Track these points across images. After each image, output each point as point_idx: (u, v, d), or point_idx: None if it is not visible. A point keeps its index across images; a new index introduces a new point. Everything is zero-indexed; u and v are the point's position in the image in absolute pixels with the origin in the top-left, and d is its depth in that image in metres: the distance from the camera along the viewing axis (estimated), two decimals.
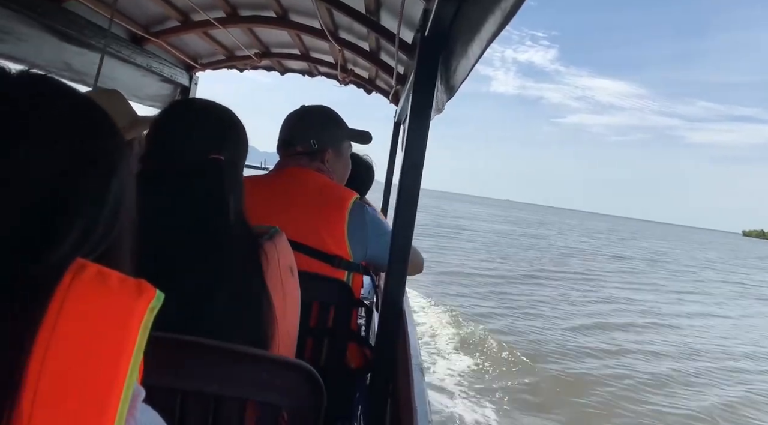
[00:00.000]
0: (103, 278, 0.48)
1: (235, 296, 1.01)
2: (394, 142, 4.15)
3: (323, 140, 1.89)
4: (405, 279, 1.54)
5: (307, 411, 0.91)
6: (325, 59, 3.58)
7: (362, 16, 2.45)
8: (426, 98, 1.47)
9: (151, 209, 1.05)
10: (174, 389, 0.88)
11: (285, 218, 1.62)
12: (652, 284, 18.54)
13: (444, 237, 25.15)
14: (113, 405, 0.43)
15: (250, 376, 0.91)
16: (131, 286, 0.48)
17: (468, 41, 1.15)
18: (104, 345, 0.45)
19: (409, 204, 1.48)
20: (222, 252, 1.04)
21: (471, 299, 11.54)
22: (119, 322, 0.46)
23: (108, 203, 0.55)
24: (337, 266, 1.72)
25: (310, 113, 1.96)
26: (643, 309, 13.30)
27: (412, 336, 1.65)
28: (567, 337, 9.50)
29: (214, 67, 3.64)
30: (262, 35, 3.23)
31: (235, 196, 1.09)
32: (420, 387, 1.27)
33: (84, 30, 2.39)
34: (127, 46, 2.76)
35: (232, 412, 0.92)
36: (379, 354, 1.50)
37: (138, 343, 0.46)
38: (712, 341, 11.12)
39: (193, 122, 1.14)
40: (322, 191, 1.78)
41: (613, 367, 8.14)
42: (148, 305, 0.48)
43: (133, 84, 2.93)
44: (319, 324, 1.66)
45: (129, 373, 0.45)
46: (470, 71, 1.28)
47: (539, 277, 16.30)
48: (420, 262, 2.09)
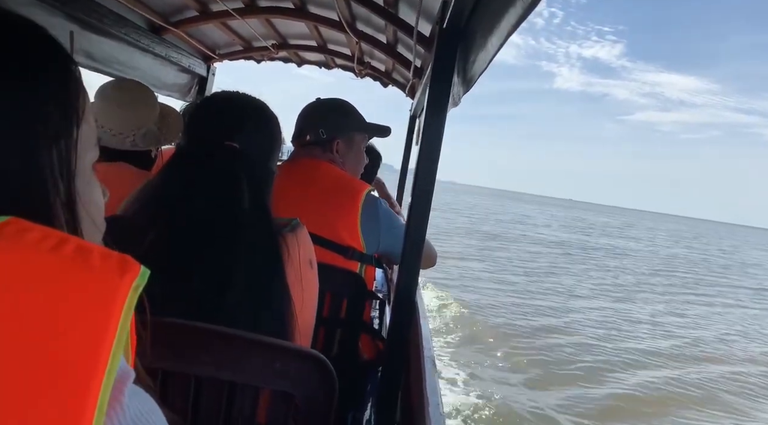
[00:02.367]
0: (83, 253, 0.44)
1: (253, 287, 1.02)
2: (409, 135, 4.14)
3: (331, 129, 1.89)
4: (418, 272, 1.54)
5: (320, 400, 0.92)
6: (342, 51, 3.57)
7: (380, 8, 2.44)
8: (443, 91, 1.46)
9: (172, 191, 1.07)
10: (188, 375, 0.89)
11: (298, 208, 1.62)
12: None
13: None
14: (92, 395, 0.39)
15: (264, 364, 0.92)
16: (114, 263, 0.44)
17: (487, 34, 1.14)
18: (82, 329, 0.40)
19: (423, 197, 1.47)
20: (235, 240, 1.04)
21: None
22: (99, 303, 0.42)
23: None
24: (350, 258, 1.72)
25: (322, 104, 1.97)
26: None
27: (425, 328, 1.65)
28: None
29: (232, 57, 3.65)
30: (279, 26, 3.23)
31: (251, 186, 1.10)
32: (432, 380, 1.27)
33: (104, 18, 2.41)
34: (146, 36, 2.78)
35: (245, 399, 0.93)
36: (392, 346, 1.50)
37: (120, 326, 0.42)
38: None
39: (213, 110, 1.16)
40: (335, 182, 1.78)
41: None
42: (132, 284, 0.43)
43: (151, 73, 2.95)
44: (331, 314, 1.66)
45: (110, 359, 0.40)
46: (488, 64, 1.27)
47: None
48: (433, 256, 2.10)
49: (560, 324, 9.98)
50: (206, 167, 1.09)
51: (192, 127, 1.18)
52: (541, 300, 11.72)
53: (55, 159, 0.51)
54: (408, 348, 1.54)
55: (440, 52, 1.45)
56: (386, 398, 1.48)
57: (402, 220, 1.86)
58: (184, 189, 1.07)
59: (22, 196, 0.49)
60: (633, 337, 9.88)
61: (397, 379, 1.47)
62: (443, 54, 1.44)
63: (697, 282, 18.95)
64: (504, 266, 15.96)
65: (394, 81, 3.76)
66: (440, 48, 1.45)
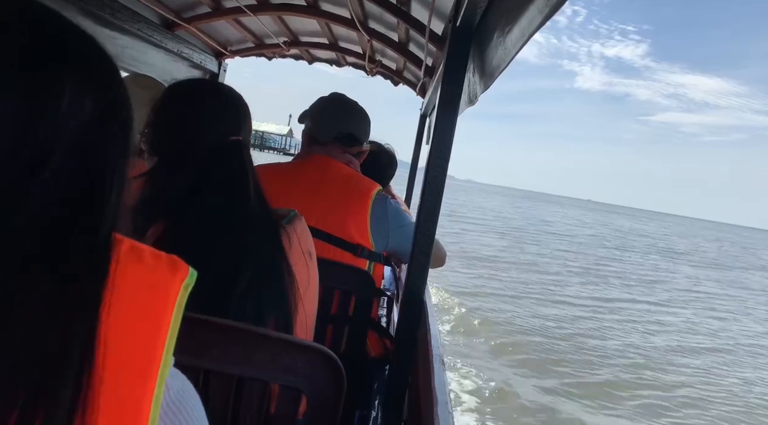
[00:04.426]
0: (137, 252, 0.46)
1: (260, 278, 1.02)
2: (419, 134, 4.13)
3: (361, 133, 1.92)
4: (427, 271, 1.54)
5: (328, 396, 0.92)
6: (353, 49, 3.57)
7: (393, 6, 2.44)
8: (455, 90, 1.46)
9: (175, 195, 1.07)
10: (197, 368, 0.90)
11: (310, 205, 1.63)
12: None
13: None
14: (150, 384, 0.42)
15: (272, 359, 0.92)
16: (165, 262, 0.47)
17: (505, 32, 1.13)
18: (143, 322, 0.44)
19: (434, 197, 1.47)
20: (245, 232, 1.05)
21: None
22: (156, 299, 0.45)
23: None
24: (359, 255, 1.73)
25: (351, 104, 1.96)
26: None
27: (434, 327, 1.65)
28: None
29: (243, 54, 3.66)
30: (291, 23, 3.24)
31: (254, 177, 1.11)
32: (441, 379, 1.27)
33: (117, 14, 2.42)
34: (158, 31, 2.79)
35: (252, 394, 0.94)
36: (400, 344, 1.50)
37: (173, 322, 0.45)
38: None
39: (209, 106, 1.15)
40: (347, 181, 1.79)
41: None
42: (183, 283, 0.46)
43: (163, 69, 2.96)
44: (339, 311, 1.67)
45: (165, 353, 0.44)
46: (509, 62, 1.26)
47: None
48: (442, 255, 2.10)
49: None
50: (220, 165, 1.09)
51: (185, 125, 1.14)
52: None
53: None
54: (416, 347, 1.54)
55: (453, 50, 1.44)
56: (394, 396, 1.48)
57: (411, 218, 1.86)
58: (195, 185, 1.07)
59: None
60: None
61: (405, 377, 1.47)
62: (456, 53, 1.43)
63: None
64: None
65: (405, 80, 3.75)
66: (453, 46, 1.45)
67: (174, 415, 0.46)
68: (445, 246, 2.11)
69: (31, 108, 0.39)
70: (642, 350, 9.22)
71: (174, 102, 1.17)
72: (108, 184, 0.44)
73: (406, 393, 1.50)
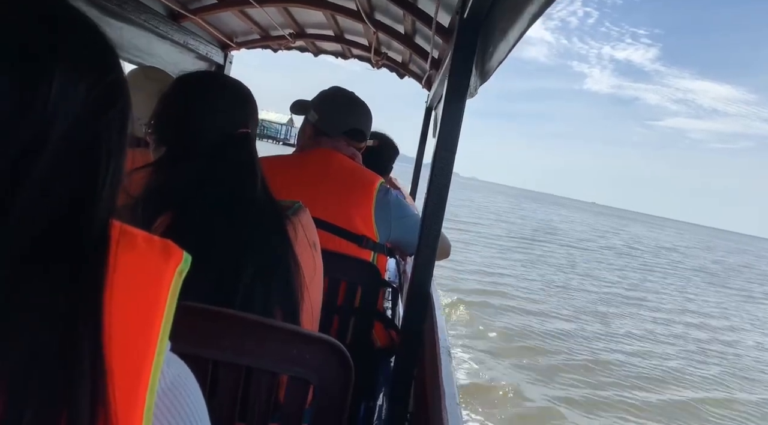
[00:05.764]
0: (129, 238, 0.44)
1: (267, 268, 1.03)
2: (425, 127, 4.12)
3: (367, 129, 1.95)
4: (433, 263, 1.54)
5: (335, 386, 0.92)
6: (359, 41, 3.56)
7: None
8: (462, 83, 1.45)
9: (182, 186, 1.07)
10: (206, 359, 0.90)
11: (315, 197, 1.64)
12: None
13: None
14: (146, 371, 0.42)
15: (280, 350, 0.92)
16: (158, 248, 0.45)
17: (509, 24, 1.13)
18: (136, 310, 0.42)
19: (440, 189, 1.47)
20: (251, 223, 1.06)
21: None
22: (149, 286, 0.43)
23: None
24: (363, 246, 1.74)
25: (357, 100, 1.97)
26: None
27: (440, 319, 1.66)
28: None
29: (249, 46, 3.65)
30: (297, 15, 3.23)
31: (259, 168, 1.12)
32: (447, 370, 1.27)
33: (123, 5, 2.42)
34: (165, 22, 2.78)
35: (261, 384, 0.94)
36: (406, 335, 1.50)
37: (167, 309, 0.43)
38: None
39: (218, 99, 1.15)
40: (352, 173, 1.80)
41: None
42: (176, 269, 0.45)
43: (169, 60, 2.96)
44: (345, 302, 1.68)
45: (160, 339, 0.43)
46: (507, 55, 1.26)
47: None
48: (447, 248, 2.13)
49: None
50: (228, 156, 1.09)
51: (193, 118, 1.13)
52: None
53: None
54: (422, 339, 1.54)
55: (460, 42, 1.44)
56: (399, 387, 1.48)
57: (413, 210, 1.88)
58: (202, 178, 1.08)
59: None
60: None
61: (411, 369, 1.48)
62: (463, 44, 1.43)
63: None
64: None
65: (410, 72, 3.74)
66: (460, 38, 1.44)
67: (170, 401, 0.46)
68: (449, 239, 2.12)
69: (16, 96, 0.36)
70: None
71: (182, 94, 1.17)
72: (104, 174, 0.41)
73: (412, 384, 1.50)
